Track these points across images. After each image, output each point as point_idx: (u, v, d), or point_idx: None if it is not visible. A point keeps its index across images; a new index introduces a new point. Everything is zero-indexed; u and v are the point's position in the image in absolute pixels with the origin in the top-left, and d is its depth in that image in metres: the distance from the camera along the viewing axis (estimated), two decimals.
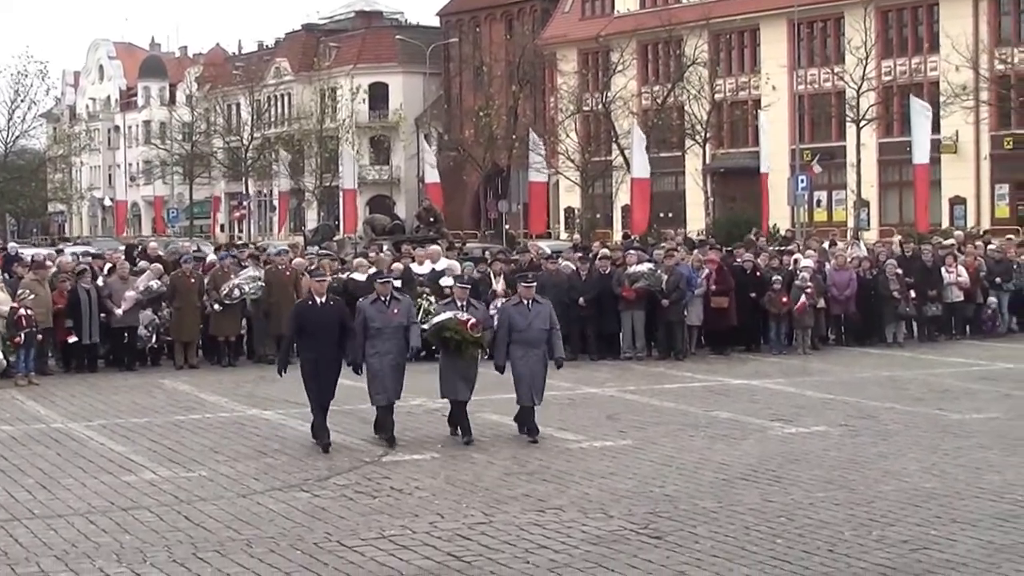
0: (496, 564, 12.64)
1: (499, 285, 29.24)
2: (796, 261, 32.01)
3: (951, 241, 38.09)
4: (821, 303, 30.39)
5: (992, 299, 33.07)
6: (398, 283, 24.99)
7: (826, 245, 37.08)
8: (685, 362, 28.59)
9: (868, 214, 67.75)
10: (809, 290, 29.63)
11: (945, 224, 61.75)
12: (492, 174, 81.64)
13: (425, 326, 19.74)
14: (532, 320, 19.24)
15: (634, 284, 28.84)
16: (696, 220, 71.18)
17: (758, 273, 30.59)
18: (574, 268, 30.25)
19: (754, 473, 16.55)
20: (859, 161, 62.33)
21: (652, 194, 58.91)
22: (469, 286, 20.23)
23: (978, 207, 67.82)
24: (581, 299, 28.97)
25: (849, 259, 32.33)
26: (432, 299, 28.59)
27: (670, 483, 16.05)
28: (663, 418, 21.17)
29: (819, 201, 72.96)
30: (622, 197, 69.24)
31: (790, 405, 22.20)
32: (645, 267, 29.45)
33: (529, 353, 19.17)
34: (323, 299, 18.94)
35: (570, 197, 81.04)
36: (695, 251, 32.97)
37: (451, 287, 20.48)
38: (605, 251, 32.73)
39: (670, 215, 74.22)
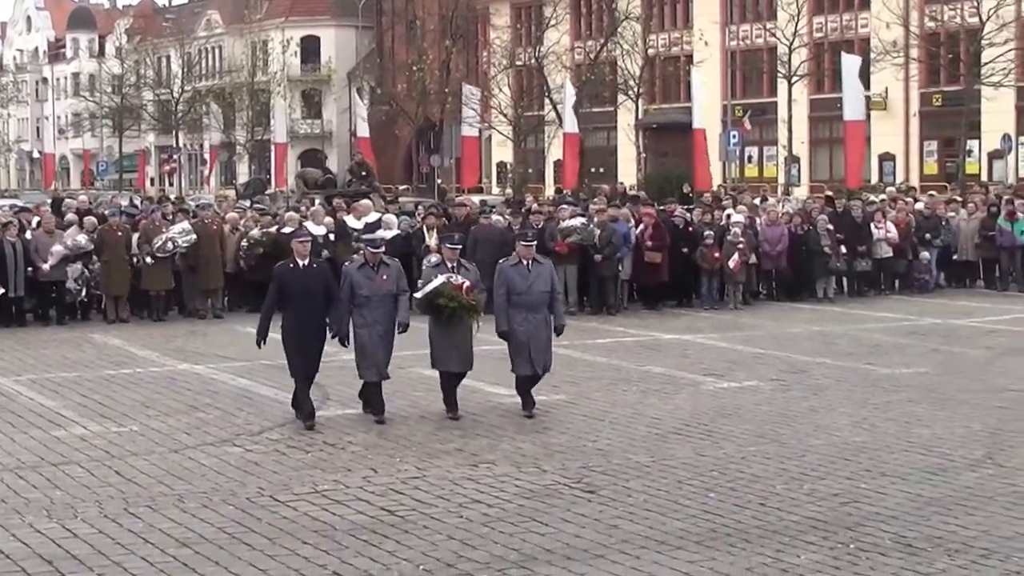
0: (430, 518, 12.65)
1: (432, 240, 29.15)
2: (728, 217, 32.07)
3: (883, 197, 38.28)
4: (752, 258, 30.50)
5: (924, 254, 33.25)
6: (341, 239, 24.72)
7: (757, 201, 37.19)
8: (617, 317, 28.65)
9: (799, 170, 67.97)
10: (741, 246, 29.73)
11: (874, 180, 62.06)
12: (424, 128, 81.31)
13: (418, 295, 17.65)
14: (533, 282, 17.76)
15: (567, 239, 28.83)
16: (628, 175, 71.17)
17: (691, 228, 30.65)
18: (506, 223, 30.20)
19: (686, 428, 16.63)
20: (790, 117, 62.49)
21: (584, 149, 58.96)
22: (459, 246, 18.39)
23: (907, 164, 68.20)
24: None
25: (780, 214, 32.45)
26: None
27: (603, 438, 16.11)
28: (596, 373, 21.22)
29: (750, 157, 73.20)
30: (554, 152, 69.10)
31: (722, 360, 22.30)
32: (578, 222, 29.43)
33: (530, 317, 17.71)
34: (306, 261, 17.36)
35: (502, 151, 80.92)
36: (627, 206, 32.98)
37: (442, 248, 18.46)
38: (535, 205, 32.67)
39: (602, 170, 74.26)
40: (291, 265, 17.39)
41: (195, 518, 12.63)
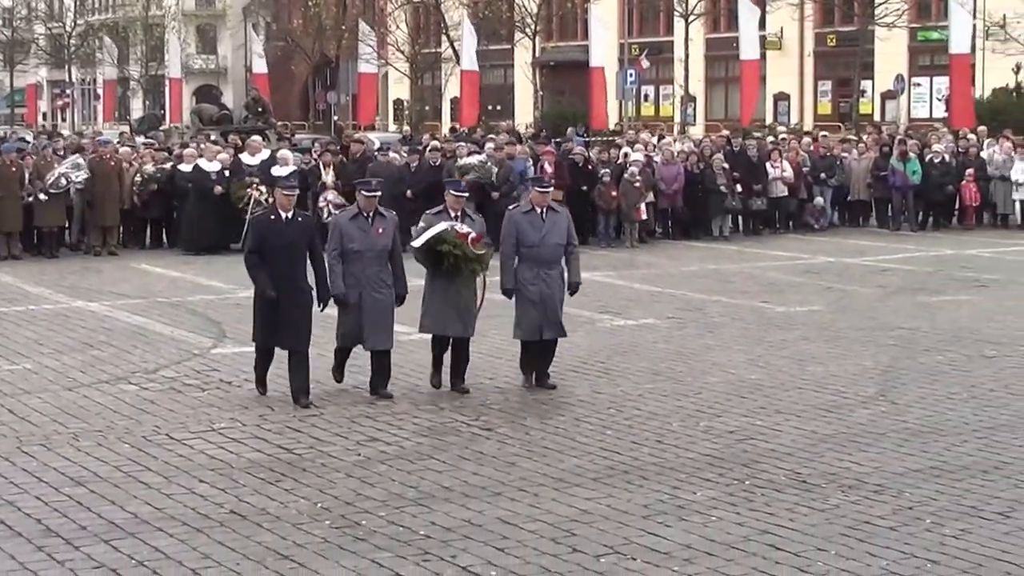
0: (327, 456, 12.63)
1: (329, 177, 29.02)
2: (626, 155, 32.14)
3: (782, 135, 38.53)
4: (650, 197, 30.60)
5: (819, 199, 33.50)
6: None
7: (654, 139, 37.31)
8: None
9: (695, 109, 68.20)
10: (638, 184, 29.81)
11: (769, 120, 62.43)
12: (321, 65, 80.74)
13: (417, 243, 15.24)
14: (546, 233, 15.42)
15: (465, 176, 28.76)
16: (525, 113, 71.15)
17: (590, 167, 30.71)
18: (403, 160, 30.11)
19: (583, 365, 16.69)
20: (687, 56, 62.59)
21: (481, 87, 58.75)
22: (465, 193, 15.99)
23: (801, 103, 68.61)
24: (410, 191, 28.81)
25: (676, 153, 32.56)
26: (263, 188, 28.29)
27: (501, 375, 16.14)
28: (494, 310, 21.09)
29: (647, 96, 73.33)
30: (452, 89, 68.88)
31: (618, 298, 22.38)
32: (475, 159, 29.40)
33: (542, 274, 15.44)
34: (290, 214, 14.94)
35: (399, 89, 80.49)
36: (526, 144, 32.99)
37: (446, 195, 15.86)
38: (435, 143, 32.56)
39: (499, 108, 74.10)
40: (271, 217, 15.04)
41: (90, 456, 12.53)
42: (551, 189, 16.29)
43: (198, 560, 9.80)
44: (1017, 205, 33.75)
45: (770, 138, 38.09)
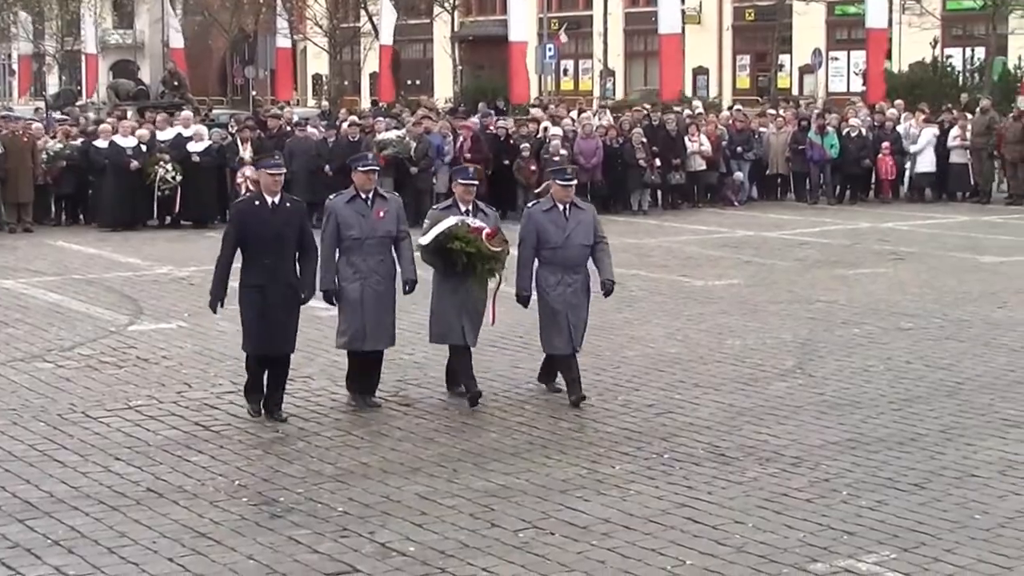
0: (245, 433, 12.59)
1: (247, 153, 28.84)
2: (545, 129, 32.14)
3: (699, 110, 38.62)
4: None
5: (738, 174, 33.64)
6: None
7: (574, 114, 37.30)
8: None
9: (614, 83, 68.28)
10: (557, 158, 29.81)
11: (688, 94, 62.60)
12: (239, 39, 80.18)
13: (424, 240, 13.47)
14: (571, 232, 13.79)
15: (382, 152, 28.68)
16: (444, 88, 71.03)
17: (511, 141, 30.68)
18: (321, 135, 29.97)
19: (502, 340, 16.65)
20: (606, 31, 62.66)
21: (400, 61, 58.55)
22: (475, 182, 14.12)
23: (720, 77, 68.87)
24: (328, 167, 28.69)
25: (595, 128, 32.58)
26: (170, 167, 28.10)
27: (419, 351, 16.05)
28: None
29: (566, 70, 73.34)
30: (370, 64, 68.61)
31: None
32: (393, 135, 29.32)
33: (566, 279, 13.77)
34: (277, 199, 13.03)
35: (318, 63, 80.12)
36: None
37: (453, 185, 14.13)
38: (353, 118, 32.42)
39: (418, 83, 73.95)
40: (256, 202, 13.15)
41: (5, 435, 12.40)
42: (575, 182, 14.22)
43: (114, 539, 9.72)
44: (905, 174, 34.12)
45: (687, 112, 38.15)
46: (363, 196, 13.49)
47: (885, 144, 33.70)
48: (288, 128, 31.53)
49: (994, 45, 50.57)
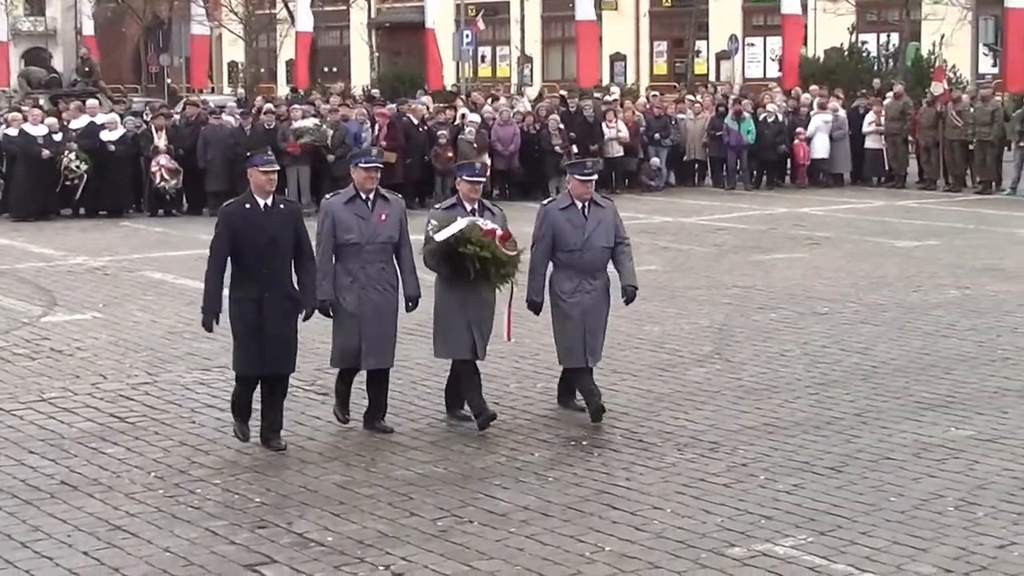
0: (161, 424, 12.49)
1: (161, 141, 28.62)
2: (463, 116, 32.10)
3: (615, 95, 38.69)
4: (486, 158, 30.56)
5: (656, 160, 33.72)
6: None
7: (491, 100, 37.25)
8: None
9: (531, 70, 68.26)
10: (475, 146, 29.80)
11: (606, 80, 62.66)
12: (153, 26, 79.44)
13: (441, 236, 12.01)
14: (591, 233, 12.57)
15: (299, 139, 28.57)
16: (361, 75, 70.75)
17: (427, 128, 30.62)
18: (237, 123, 29.79)
19: (420, 328, 16.49)
20: (523, 17, 62.64)
21: (317, 48, 58.28)
22: (482, 179, 12.83)
23: (637, 64, 68.96)
24: (248, 154, 28.50)
25: (512, 114, 32.57)
26: (74, 155, 27.81)
27: None
28: None
29: (483, 57, 73.19)
30: (287, 51, 68.22)
31: None
32: (310, 122, 29.19)
33: (584, 285, 12.60)
34: (269, 200, 11.71)
35: (233, 51, 79.52)
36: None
37: (458, 182, 12.72)
38: (269, 106, 32.23)
39: (335, 70, 73.59)
40: (246, 205, 11.70)
41: None
42: (595, 177, 12.84)
43: (28, 532, 9.63)
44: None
45: (606, 98, 38.21)
46: (363, 196, 12.09)
47: (799, 130, 33.89)
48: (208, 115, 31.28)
49: (908, 31, 50.95)
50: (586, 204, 12.63)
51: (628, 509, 10.08)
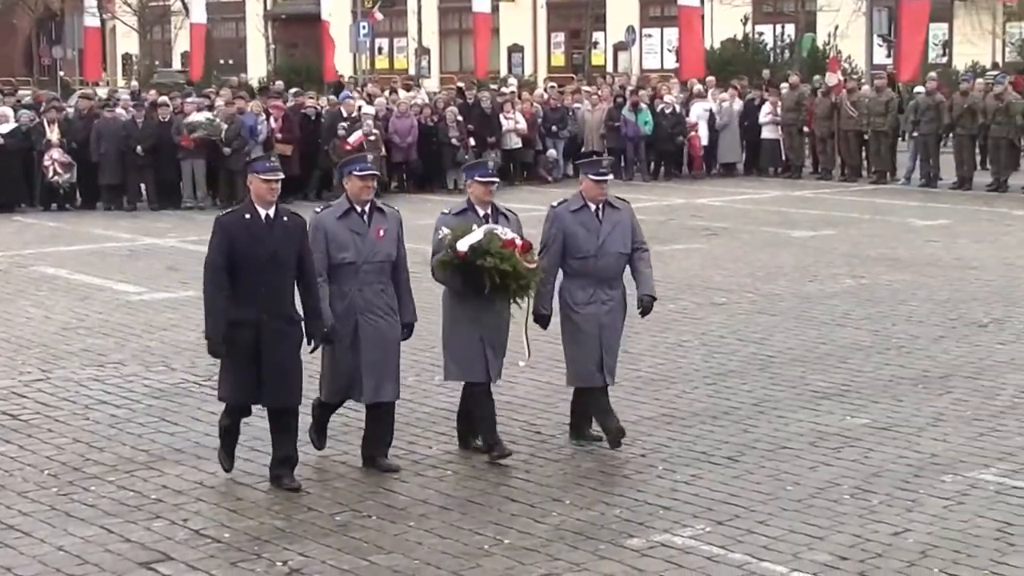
0: (54, 421, 12.34)
1: (54, 135, 28.28)
2: (360, 108, 31.96)
3: (511, 88, 38.70)
4: (382, 151, 30.50)
5: (552, 151, 33.75)
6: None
7: (387, 92, 37.15)
8: None
9: (429, 61, 68.18)
10: (372, 138, 29.68)
11: (503, 71, 62.69)
12: (45, 18, 78.64)
13: (460, 247, 10.84)
14: (606, 237, 11.52)
15: (193, 133, 28.37)
16: (258, 67, 70.35)
17: (321, 120, 30.48)
18: (130, 116, 29.51)
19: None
20: (420, 8, 62.50)
21: (212, 40, 57.88)
22: (496, 180, 11.54)
23: (535, 55, 69.05)
24: (139, 147, 28.31)
25: (410, 106, 32.48)
26: None
27: None
28: None
29: (381, 48, 73.02)
30: (181, 43, 67.72)
31: None
32: (203, 116, 28.97)
33: (599, 295, 11.51)
34: (271, 211, 10.46)
35: (127, 43, 78.82)
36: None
37: (470, 184, 11.49)
38: (164, 99, 31.93)
39: (231, 62, 73.12)
40: (246, 216, 10.46)
41: None
42: (610, 177, 11.90)
43: None
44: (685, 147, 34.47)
45: (504, 90, 38.20)
46: (359, 210, 10.83)
47: (694, 121, 34.08)
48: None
49: (803, 22, 51.37)
50: (600, 206, 11.59)
51: (527, 501, 10.07)
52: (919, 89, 33.55)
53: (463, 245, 10.77)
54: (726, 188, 31.81)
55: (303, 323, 10.48)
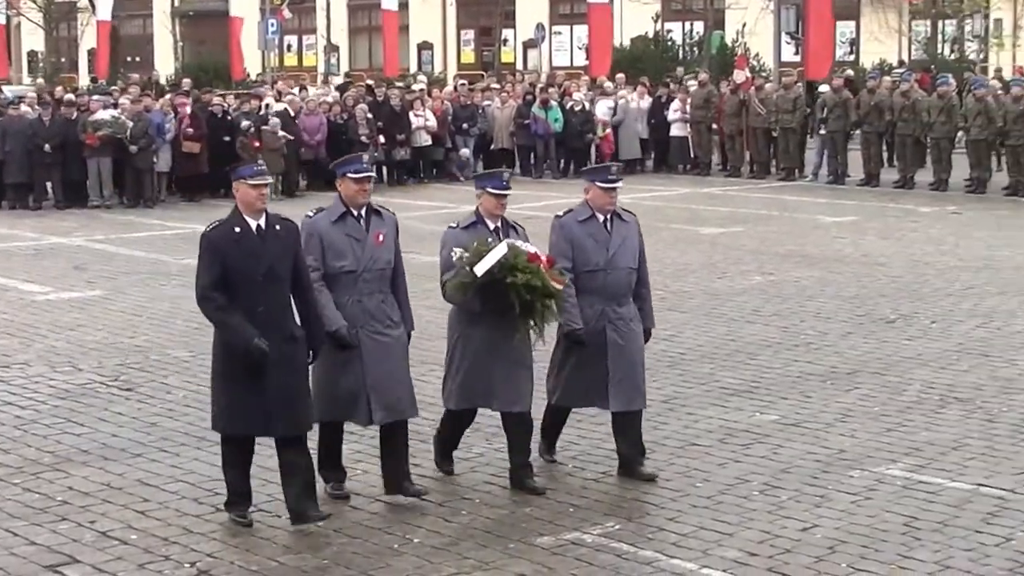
0: None
1: None
2: (267, 106, 31.82)
3: (420, 86, 38.64)
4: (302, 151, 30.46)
5: (464, 150, 33.71)
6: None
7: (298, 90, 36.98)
8: (155, 210, 28.17)
9: (338, 58, 67.93)
10: (279, 134, 29.58)
11: (413, 69, 62.59)
12: None
13: (480, 268, 9.94)
14: (616, 250, 10.73)
15: (98, 132, 28.12)
16: (165, 65, 69.84)
17: (229, 117, 30.31)
18: (36, 114, 29.20)
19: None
20: (328, 5, 62.24)
21: (119, 37, 57.39)
22: (509, 190, 10.70)
23: (444, 52, 68.98)
24: (46, 146, 28.04)
25: (319, 103, 32.35)
26: None
27: (141, 333, 15.81)
28: (133, 267, 20.80)
29: (289, 46, 72.69)
30: (88, 40, 67.11)
31: None
32: (108, 114, 28.73)
33: (609, 312, 10.66)
34: (262, 221, 9.60)
35: (33, 40, 78.01)
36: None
37: (482, 196, 10.67)
38: (69, 96, 31.62)
39: (138, 59, 72.53)
40: (236, 229, 9.53)
41: None
42: (620, 184, 11.03)
43: None
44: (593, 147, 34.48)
45: (413, 87, 38.13)
46: (355, 213, 10.11)
47: (606, 119, 34.16)
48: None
49: (712, 20, 51.59)
50: (609, 217, 10.81)
51: (436, 500, 10.05)
52: (823, 88, 33.79)
53: (482, 267, 9.87)
54: (635, 185, 31.83)
55: (306, 337, 9.60)
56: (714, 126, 34.30)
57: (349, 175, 10.08)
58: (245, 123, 29.64)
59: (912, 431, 11.82)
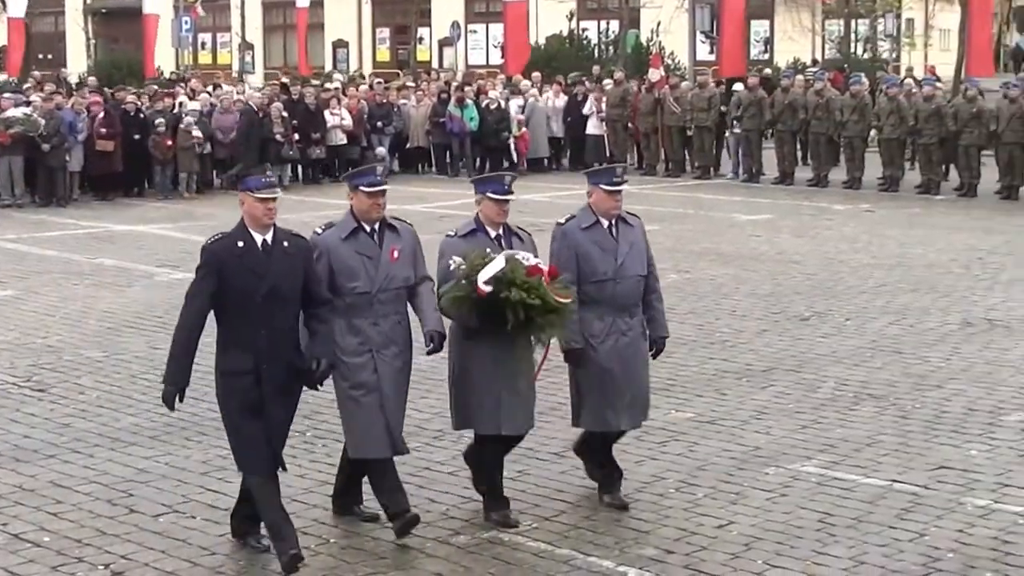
0: None
1: None
2: (182, 104, 31.62)
3: (335, 84, 38.50)
4: (208, 148, 30.22)
5: (381, 149, 33.62)
6: None
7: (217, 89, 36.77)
8: (68, 209, 27.91)
9: (253, 57, 67.64)
10: (195, 133, 29.40)
11: (328, 67, 62.40)
12: None
13: (480, 280, 9.18)
14: (624, 258, 10.01)
15: (9, 129, 27.83)
16: (78, 62, 69.27)
17: (143, 115, 30.08)
18: None
19: (140, 320, 16.34)
20: (243, 3, 61.95)
21: (31, 34, 56.87)
22: (511, 196, 9.77)
23: (360, 50, 68.84)
24: None
25: (234, 101, 32.16)
26: None
27: (53, 333, 15.66)
28: (45, 267, 20.61)
29: (204, 44, 72.29)
30: None
31: (177, 250, 21.99)
32: (19, 112, 28.44)
33: (619, 324, 9.96)
34: (269, 236, 8.78)
35: None
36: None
37: (481, 201, 9.84)
38: None
39: (50, 57, 71.92)
40: (239, 243, 8.73)
41: None
42: (625, 186, 10.18)
43: None
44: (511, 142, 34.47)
45: (328, 85, 37.99)
46: (368, 229, 9.35)
47: (520, 117, 34.19)
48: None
49: (627, 18, 51.73)
50: (614, 222, 10.08)
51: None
52: (738, 86, 33.98)
53: (482, 279, 9.15)
54: (551, 184, 31.91)
55: (307, 367, 8.86)
56: (630, 125, 34.42)
57: (362, 188, 9.28)
58: (159, 121, 29.43)
59: (826, 428, 11.90)
